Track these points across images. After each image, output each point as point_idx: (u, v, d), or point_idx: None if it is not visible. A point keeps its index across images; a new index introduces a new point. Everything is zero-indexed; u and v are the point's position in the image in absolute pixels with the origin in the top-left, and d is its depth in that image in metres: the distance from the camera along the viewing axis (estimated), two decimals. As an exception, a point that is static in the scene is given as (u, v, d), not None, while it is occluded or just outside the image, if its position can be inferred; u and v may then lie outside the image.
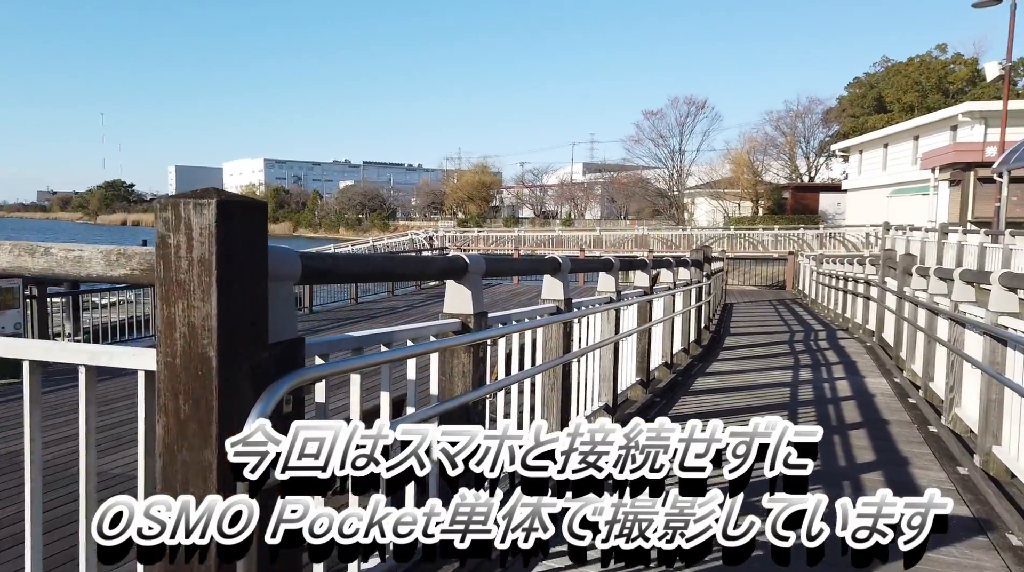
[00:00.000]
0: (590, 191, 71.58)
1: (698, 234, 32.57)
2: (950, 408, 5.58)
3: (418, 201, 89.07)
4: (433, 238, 30.70)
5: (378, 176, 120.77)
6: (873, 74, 46.45)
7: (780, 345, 10.68)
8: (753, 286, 26.57)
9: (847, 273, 13.94)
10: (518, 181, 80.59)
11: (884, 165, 32.73)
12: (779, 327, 13.58)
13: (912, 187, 28.28)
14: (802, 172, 49.46)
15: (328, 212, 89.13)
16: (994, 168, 19.16)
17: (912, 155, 29.52)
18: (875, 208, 31.33)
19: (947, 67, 41.94)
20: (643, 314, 6.29)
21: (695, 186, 51.55)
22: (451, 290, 2.90)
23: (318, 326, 13.44)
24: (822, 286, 17.50)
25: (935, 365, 6.63)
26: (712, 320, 12.74)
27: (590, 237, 32.54)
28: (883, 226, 23.17)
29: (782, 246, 28.93)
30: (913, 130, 29.66)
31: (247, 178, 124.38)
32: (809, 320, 15.07)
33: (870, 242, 26.49)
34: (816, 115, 48.35)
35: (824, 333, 12.51)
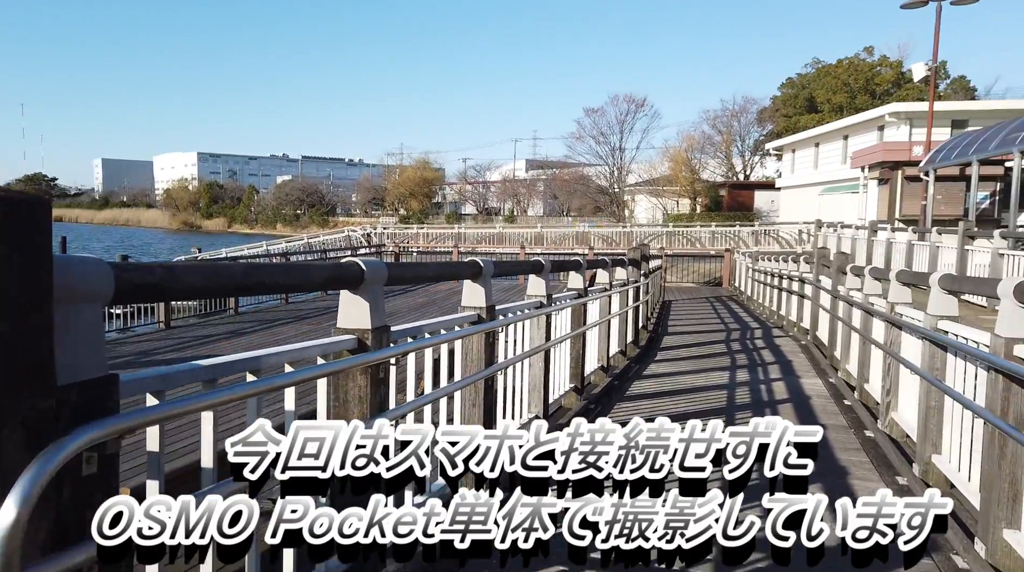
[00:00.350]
0: (533, 188, 71.67)
1: (638, 231, 32.66)
2: (886, 412, 5.46)
3: (359, 197, 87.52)
4: (371, 235, 29.93)
5: (317, 171, 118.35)
6: (804, 75, 47.66)
7: (717, 344, 10.60)
8: (691, 283, 26.78)
9: (782, 271, 14.02)
10: (461, 177, 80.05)
11: (815, 164, 33.51)
12: (716, 325, 13.56)
13: (842, 185, 28.98)
14: (738, 170, 50.44)
15: (264, 208, 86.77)
16: (920, 167, 19.68)
17: (842, 154, 30.22)
18: (807, 205, 32.04)
19: (874, 69, 43.32)
20: (577, 318, 6.00)
21: (635, 183, 51.99)
22: (345, 302, 2.51)
23: (242, 328, 12.78)
24: (758, 283, 17.61)
25: (870, 366, 6.55)
26: (650, 319, 12.62)
27: (531, 234, 32.23)
28: (815, 223, 23.61)
29: (719, 243, 29.32)
30: (843, 130, 30.39)
31: (179, 172, 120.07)
32: (745, 318, 15.14)
33: (803, 239, 27.00)
34: (751, 115, 49.52)
35: (760, 331, 12.53)
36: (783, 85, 48.89)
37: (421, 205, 71.84)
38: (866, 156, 23.97)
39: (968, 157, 16.66)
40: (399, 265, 3.01)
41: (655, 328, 12.47)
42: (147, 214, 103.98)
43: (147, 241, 68.94)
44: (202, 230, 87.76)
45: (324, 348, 2.40)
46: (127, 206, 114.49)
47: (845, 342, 7.89)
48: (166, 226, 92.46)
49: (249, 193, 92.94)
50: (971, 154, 16.52)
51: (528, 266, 4.69)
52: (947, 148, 18.80)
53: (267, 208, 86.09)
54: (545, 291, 4.86)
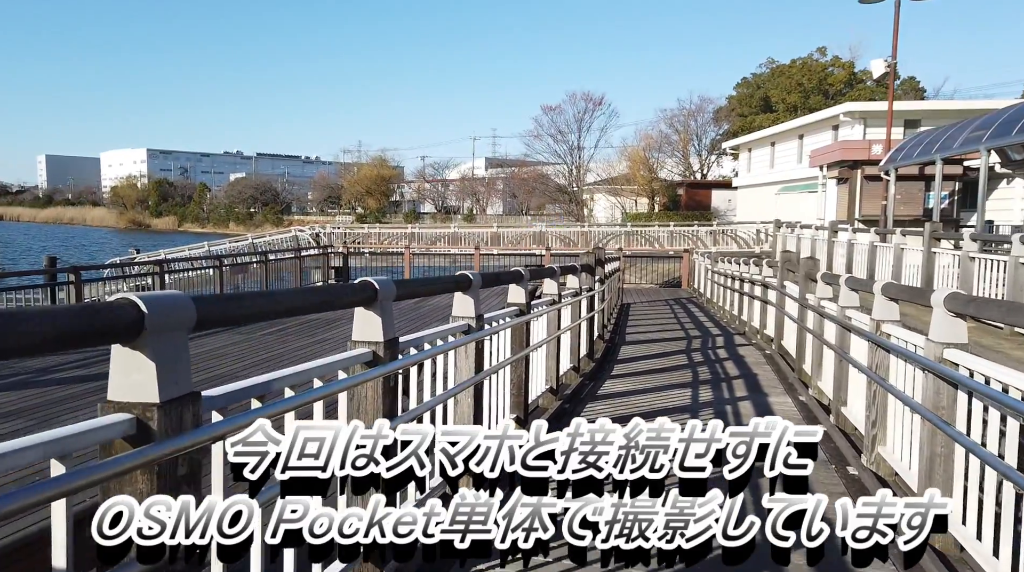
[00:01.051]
0: (492, 186, 71.01)
1: (596, 231, 31.95)
2: (872, 446, 4.75)
3: (314, 195, 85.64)
4: (320, 235, 28.68)
5: (272, 168, 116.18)
6: (759, 75, 47.65)
7: (678, 355, 9.88)
8: (650, 284, 26.21)
9: (743, 274, 13.39)
10: (419, 175, 78.87)
11: (772, 163, 33.22)
12: (676, 333, 12.87)
13: (800, 185, 28.73)
14: (695, 170, 50.21)
15: (217, 206, 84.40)
16: (881, 166, 19.36)
17: (798, 153, 29.97)
18: (764, 205, 31.74)
19: (826, 69, 43.47)
20: (519, 338, 5.16)
21: (594, 182, 51.53)
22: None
23: (249, 337, 11.68)
24: (717, 286, 17.01)
25: (848, 389, 5.85)
26: (607, 327, 11.86)
27: (488, 234, 31.29)
28: (774, 223, 23.16)
29: (677, 243, 28.84)
30: (798, 129, 30.15)
31: (128, 169, 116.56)
32: (706, 322, 14.51)
33: (761, 239, 26.62)
34: (707, 114, 49.24)
35: (722, 338, 11.88)
36: (738, 85, 48.89)
37: (378, 203, 70.52)
38: (824, 155, 23.65)
39: (931, 155, 16.31)
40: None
41: (612, 336, 11.73)
42: (93, 212, 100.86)
43: (90, 241, 66.23)
44: (151, 229, 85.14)
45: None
46: (72, 204, 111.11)
47: (816, 356, 7.22)
48: (113, 225, 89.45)
49: (200, 191, 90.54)
50: (934, 152, 16.17)
51: (448, 284, 3.90)
52: (908, 147, 18.50)
53: (219, 206, 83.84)
54: (474, 311, 4.02)
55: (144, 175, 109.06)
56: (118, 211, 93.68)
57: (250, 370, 8.60)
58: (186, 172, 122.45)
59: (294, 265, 18.99)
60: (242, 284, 16.95)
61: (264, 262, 16.98)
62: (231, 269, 16.34)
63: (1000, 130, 13.80)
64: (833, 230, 16.86)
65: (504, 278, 4.86)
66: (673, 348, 10.58)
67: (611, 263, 14.13)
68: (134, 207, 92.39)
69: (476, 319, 4.04)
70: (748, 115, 45.12)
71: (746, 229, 29.03)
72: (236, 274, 16.75)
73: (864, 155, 20.92)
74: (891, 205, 18.55)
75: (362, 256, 25.45)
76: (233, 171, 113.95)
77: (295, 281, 18.56)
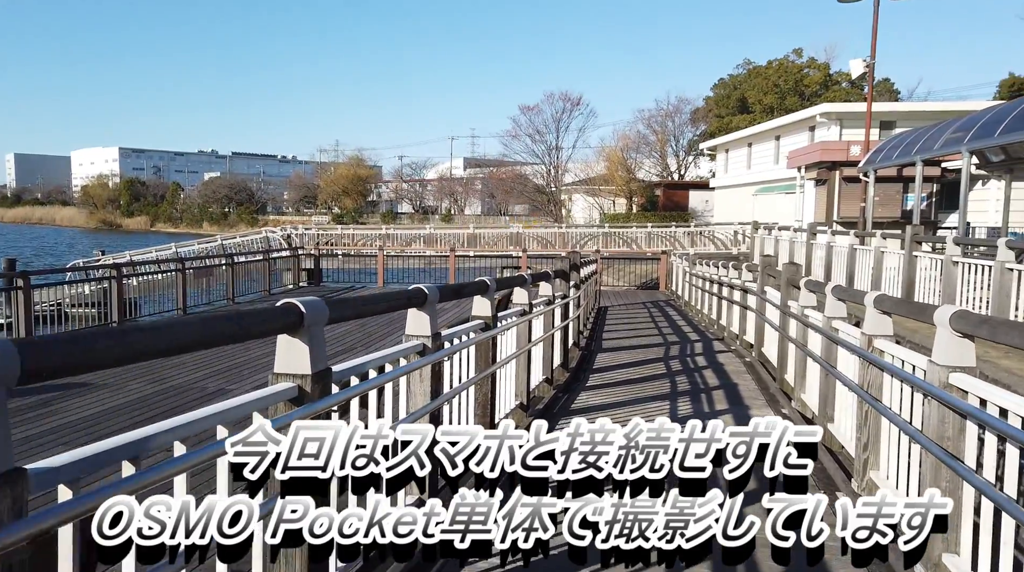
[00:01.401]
0: (470, 186, 70.43)
1: (574, 232, 31.60)
2: (863, 471, 4.40)
3: (291, 195, 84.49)
4: (292, 236, 27.98)
5: (249, 168, 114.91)
6: (736, 75, 47.63)
7: (655, 364, 9.53)
8: (628, 285, 25.83)
9: (722, 278, 13.05)
10: (396, 175, 78.07)
11: (748, 164, 33.05)
12: (653, 338, 12.54)
13: (777, 186, 28.59)
14: (672, 170, 50.04)
15: (190, 206, 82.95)
16: (860, 167, 19.20)
17: (775, 154, 29.85)
18: (741, 206, 31.60)
19: (802, 71, 43.50)
20: (484, 355, 4.76)
21: (572, 183, 51.18)
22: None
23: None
24: (695, 289, 16.66)
25: (835, 404, 5.52)
26: (583, 333, 11.48)
27: (464, 235, 30.74)
28: (752, 225, 22.96)
29: (655, 244, 28.49)
30: (775, 130, 30.03)
31: (99, 168, 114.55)
32: (684, 327, 14.19)
33: (738, 241, 26.40)
34: (685, 115, 49.19)
35: (700, 345, 11.56)
36: (715, 86, 48.84)
37: (355, 203, 69.70)
38: (802, 156, 23.47)
39: (911, 157, 16.15)
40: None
41: (588, 343, 11.37)
42: (63, 212, 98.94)
43: (57, 241, 64.73)
44: (122, 229, 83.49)
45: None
46: (41, 204, 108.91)
47: (800, 367, 6.89)
48: (83, 225, 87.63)
49: (173, 190, 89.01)
50: (914, 154, 16.01)
51: (401, 300, 3.46)
52: (888, 148, 18.35)
53: (193, 206, 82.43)
54: (429, 330, 3.61)
55: (116, 174, 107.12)
56: (88, 211, 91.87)
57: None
58: (159, 171, 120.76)
59: (263, 267, 18.29)
60: (207, 288, 16.34)
61: (231, 265, 16.34)
62: (195, 272, 15.72)
63: (981, 131, 13.64)
64: (812, 232, 16.57)
65: (467, 290, 4.44)
66: (650, 356, 10.24)
67: (588, 266, 13.71)
68: (105, 207, 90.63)
69: (433, 338, 3.63)
70: (725, 116, 45.04)
71: (724, 230, 28.83)
72: (201, 277, 16.12)
73: (843, 156, 20.73)
74: (870, 207, 18.41)
75: (335, 258, 24.94)
76: (208, 170, 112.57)
77: (264, 284, 17.94)
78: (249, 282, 17.41)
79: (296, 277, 20.22)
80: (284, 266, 20.64)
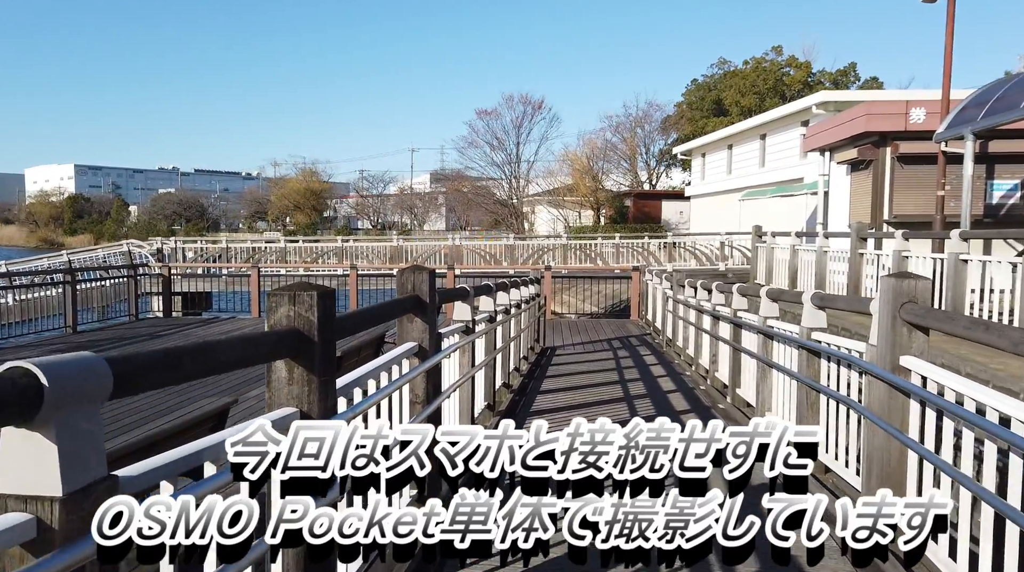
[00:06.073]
0: (432, 200, 69.12)
1: (526, 244, 27.57)
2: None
3: (244, 210, 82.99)
4: (163, 250, 24.05)
5: (210, 184, 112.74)
6: (711, 76, 45.25)
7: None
8: (592, 308, 21.28)
9: (721, 311, 7.93)
10: (355, 189, 76.88)
11: (729, 168, 30.52)
12: (618, 411, 7.15)
13: (767, 189, 25.98)
14: (643, 181, 46.95)
15: (137, 222, 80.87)
16: (939, 134, 11.33)
17: (760, 156, 27.34)
18: (723, 215, 28.72)
19: (782, 70, 41.34)
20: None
21: (535, 194, 47.92)
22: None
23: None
24: (680, 320, 11.22)
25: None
26: (497, 404, 7.06)
27: (388, 249, 26.56)
28: (753, 230, 16.75)
29: (624, 259, 24.35)
30: (759, 128, 26.99)
31: (54, 185, 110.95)
32: (665, 386, 8.56)
33: (725, 254, 23.19)
34: (655, 122, 46.06)
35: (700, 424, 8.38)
36: (689, 87, 46.34)
37: (308, 218, 68.37)
38: (831, 131, 15.31)
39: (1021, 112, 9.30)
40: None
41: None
42: (3, 230, 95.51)
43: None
44: (64, 247, 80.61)
45: None
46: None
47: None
48: (23, 244, 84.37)
49: (117, 206, 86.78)
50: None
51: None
52: (993, 99, 10.36)
53: (140, 223, 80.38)
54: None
55: (72, 192, 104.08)
56: (29, 229, 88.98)
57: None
58: (118, 189, 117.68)
59: (127, 289, 15.32)
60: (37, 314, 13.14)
61: (72, 282, 13.30)
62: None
63: None
64: (860, 237, 10.86)
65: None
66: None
67: (528, 287, 10.17)
68: (48, 225, 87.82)
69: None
70: (699, 119, 42.59)
71: (706, 241, 25.30)
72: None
73: (899, 124, 13.04)
74: (967, 194, 10.66)
75: (218, 279, 21.26)
76: (167, 187, 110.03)
77: (131, 308, 15.26)
78: (97, 309, 14.51)
79: (133, 306, 15.60)
80: (155, 289, 17.75)
